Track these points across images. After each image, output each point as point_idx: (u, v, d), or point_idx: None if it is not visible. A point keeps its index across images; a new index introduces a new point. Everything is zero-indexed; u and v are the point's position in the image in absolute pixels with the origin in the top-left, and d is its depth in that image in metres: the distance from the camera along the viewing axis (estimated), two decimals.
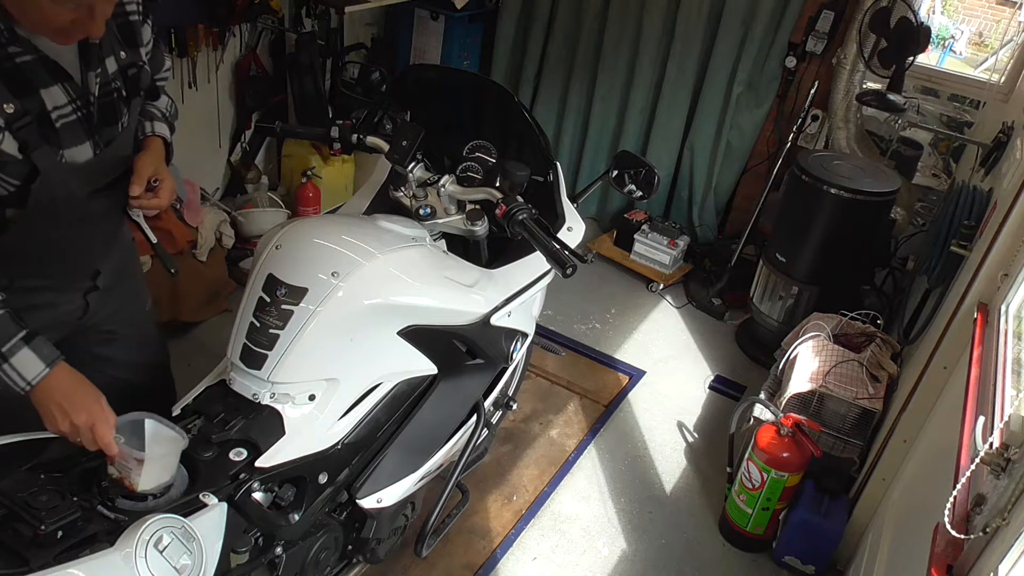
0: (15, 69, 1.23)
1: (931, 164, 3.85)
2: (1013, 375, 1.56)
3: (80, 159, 1.36)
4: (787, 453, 2.31)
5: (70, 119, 1.33)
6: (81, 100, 1.34)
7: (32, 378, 1.27)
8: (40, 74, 1.27)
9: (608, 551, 2.43)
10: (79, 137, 1.35)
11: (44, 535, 1.10)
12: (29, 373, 1.27)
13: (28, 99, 1.25)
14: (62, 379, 1.30)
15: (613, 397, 3.09)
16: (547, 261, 1.52)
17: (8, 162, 1.26)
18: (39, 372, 1.27)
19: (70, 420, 1.28)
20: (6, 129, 1.23)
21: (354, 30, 3.98)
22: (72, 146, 1.34)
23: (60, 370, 1.30)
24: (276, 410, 1.47)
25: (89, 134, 1.37)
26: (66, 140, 1.33)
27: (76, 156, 1.35)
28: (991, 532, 1.19)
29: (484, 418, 1.97)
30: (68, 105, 1.32)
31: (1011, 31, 5.94)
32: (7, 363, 1.25)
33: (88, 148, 1.37)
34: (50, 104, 1.29)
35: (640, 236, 3.86)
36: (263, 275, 1.47)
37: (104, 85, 1.38)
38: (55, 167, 1.32)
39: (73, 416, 1.27)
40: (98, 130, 1.38)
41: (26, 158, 1.27)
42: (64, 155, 1.33)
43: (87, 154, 1.37)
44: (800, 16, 3.58)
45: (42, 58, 1.27)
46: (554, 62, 4.14)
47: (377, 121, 1.96)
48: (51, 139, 1.30)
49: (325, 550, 1.64)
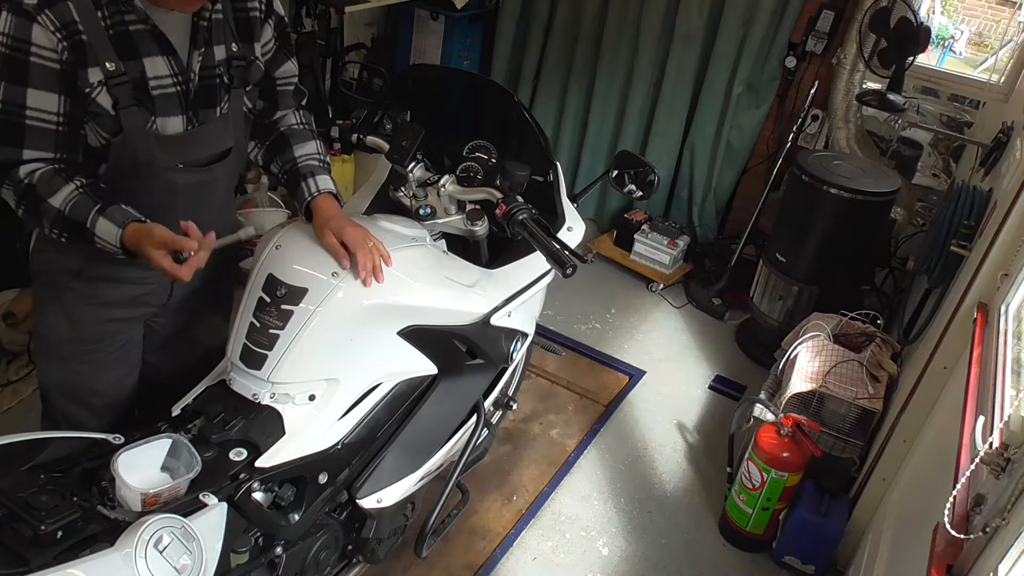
0: (126, 34, 1.34)
1: (931, 164, 3.85)
2: (1013, 375, 1.56)
3: (170, 130, 1.43)
4: (787, 453, 2.31)
5: (168, 91, 1.41)
6: (182, 76, 1.42)
7: (114, 241, 1.36)
8: (147, 43, 1.36)
9: (608, 551, 2.43)
10: (173, 109, 1.42)
11: (44, 535, 1.10)
12: (111, 237, 1.36)
13: (130, 63, 1.35)
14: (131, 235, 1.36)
15: (613, 397, 3.09)
16: (547, 261, 1.53)
17: (101, 114, 1.36)
18: (116, 234, 1.35)
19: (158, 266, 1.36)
20: (104, 83, 1.33)
21: (354, 30, 3.98)
22: (165, 116, 1.41)
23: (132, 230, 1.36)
24: (276, 410, 1.47)
25: (184, 109, 1.44)
26: (161, 109, 1.41)
27: (167, 127, 1.43)
28: (991, 532, 1.19)
29: (484, 418, 1.97)
30: (168, 78, 1.40)
31: (1011, 31, 5.94)
32: (95, 235, 1.36)
33: (180, 122, 1.44)
34: (151, 72, 1.38)
35: (640, 236, 3.86)
36: (263, 275, 1.48)
37: (207, 68, 1.45)
38: (142, 130, 1.39)
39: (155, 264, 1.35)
40: (193, 107, 1.45)
41: (116, 115, 1.36)
42: (156, 123, 1.41)
43: (178, 127, 1.44)
44: (800, 16, 3.58)
45: (153, 30, 1.36)
46: (553, 62, 4.14)
47: (377, 121, 1.96)
48: (145, 104, 1.38)
49: (325, 550, 1.64)
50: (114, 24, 1.33)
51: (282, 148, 1.69)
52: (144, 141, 1.41)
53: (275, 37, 1.61)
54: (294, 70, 1.69)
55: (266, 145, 1.72)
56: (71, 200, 1.36)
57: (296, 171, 1.65)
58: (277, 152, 1.70)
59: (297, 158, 1.67)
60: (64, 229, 1.37)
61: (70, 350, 1.61)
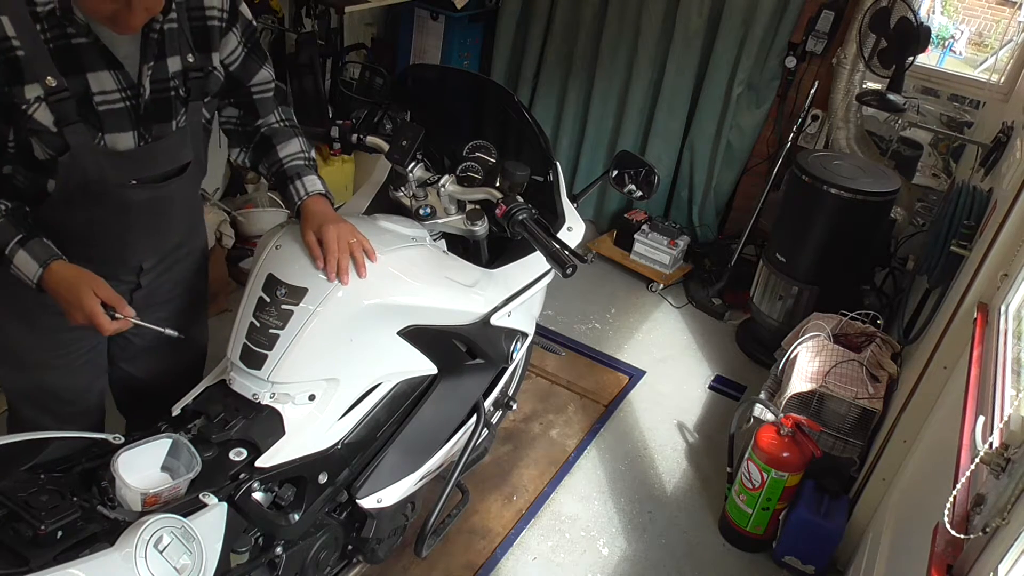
0: (67, 48, 1.28)
1: (931, 164, 3.85)
2: (1013, 375, 1.56)
3: (120, 147, 1.39)
4: (787, 453, 2.31)
5: (115, 106, 1.36)
6: (131, 91, 1.37)
7: (32, 277, 1.34)
8: (91, 58, 1.31)
9: (608, 551, 2.43)
10: (123, 125, 1.38)
11: (44, 535, 1.10)
12: (29, 273, 1.34)
13: (73, 78, 1.30)
14: (56, 277, 1.35)
15: (613, 397, 3.09)
16: (547, 261, 1.53)
17: (42, 131, 1.31)
18: (35, 272, 1.34)
19: (72, 317, 1.37)
20: (44, 100, 1.28)
21: (354, 30, 3.98)
22: (114, 132, 1.37)
23: (55, 268, 1.35)
24: (276, 410, 1.47)
25: (134, 124, 1.39)
26: (108, 125, 1.36)
27: (116, 143, 1.38)
28: (991, 532, 1.19)
29: (484, 418, 1.97)
30: (116, 92, 1.35)
31: (1011, 31, 5.94)
32: (12, 264, 1.34)
33: (131, 138, 1.40)
34: (95, 87, 1.33)
35: (640, 236, 3.86)
36: (263, 275, 1.48)
37: (159, 81, 1.40)
38: (88, 147, 1.35)
39: (72, 314, 1.36)
40: (145, 122, 1.40)
41: (59, 132, 1.31)
42: (104, 139, 1.36)
43: (129, 143, 1.40)
44: (800, 16, 3.57)
45: (96, 44, 1.31)
46: (553, 62, 4.14)
47: (377, 121, 1.96)
48: (90, 120, 1.34)
49: (325, 550, 1.64)
50: (55, 38, 1.27)
51: (266, 149, 1.66)
52: (93, 158, 1.36)
53: (242, 44, 1.54)
54: (270, 76, 1.64)
55: (250, 148, 1.69)
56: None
57: (283, 173, 1.63)
58: (262, 154, 1.67)
59: (282, 159, 1.64)
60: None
61: (34, 359, 1.59)
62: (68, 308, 1.36)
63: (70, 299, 1.35)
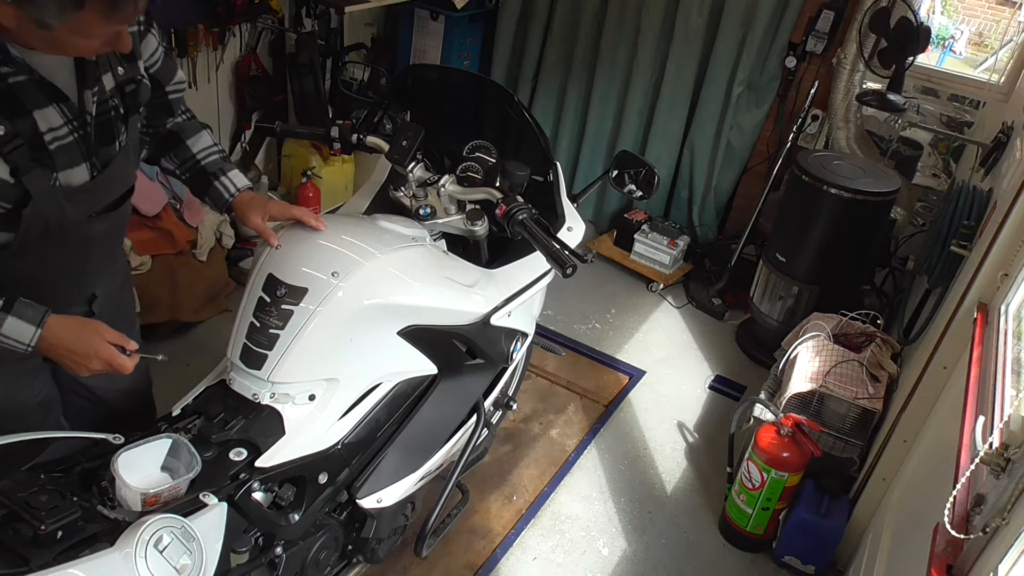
0: (7, 90, 1.18)
1: (931, 164, 3.85)
2: (1013, 375, 1.56)
3: (76, 182, 1.31)
4: (787, 453, 2.31)
5: (66, 141, 1.27)
6: (78, 121, 1.28)
7: (28, 341, 1.27)
8: (34, 95, 1.21)
9: (608, 551, 2.43)
10: (75, 159, 1.29)
11: (44, 535, 1.10)
12: (24, 337, 1.27)
13: (20, 120, 1.20)
14: (58, 333, 1.30)
15: (613, 397, 3.09)
16: (547, 261, 1.52)
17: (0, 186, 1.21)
18: (32, 335, 1.27)
19: (87, 367, 1.32)
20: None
21: (354, 30, 3.98)
22: (67, 168, 1.28)
23: (53, 324, 1.29)
24: (276, 410, 1.47)
25: (86, 156, 1.31)
26: (61, 162, 1.27)
27: (71, 179, 1.30)
28: (991, 532, 1.19)
29: (484, 418, 1.97)
30: (64, 127, 1.26)
31: (1011, 31, 5.94)
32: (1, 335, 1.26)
33: (84, 170, 1.32)
34: (44, 126, 1.23)
35: (640, 236, 3.86)
36: (263, 275, 1.48)
37: (101, 104, 1.32)
38: (48, 191, 1.26)
39: (88, 364, 1.32)
40: (95, 151, 1.33)
41: (17, 182, 1.21)
42: (59, 178, 1.27)
43: (83, 177, 1.32)
44: (800, 16, 3.57)
45: (36, 79, 1.21)
46: (552, 62, 4.14)
47: (377, 121, 1.96)
48: (44, 161, 1.24)
49: (325, 550, 1.64)
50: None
51: (173, 144, 1.60)
52: (52, 201, 1.26)
53: (159, 42, 1.46)
54: (183, 75, 1.58)
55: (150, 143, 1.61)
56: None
57: (201, 169, 1.59)
58: (168, 148, 1.60)
59: (196, 154, 1.60)
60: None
61: None
62: (79, 360, 1.31)
63: (81, 350, 1.30)
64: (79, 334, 1.32)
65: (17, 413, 1.49)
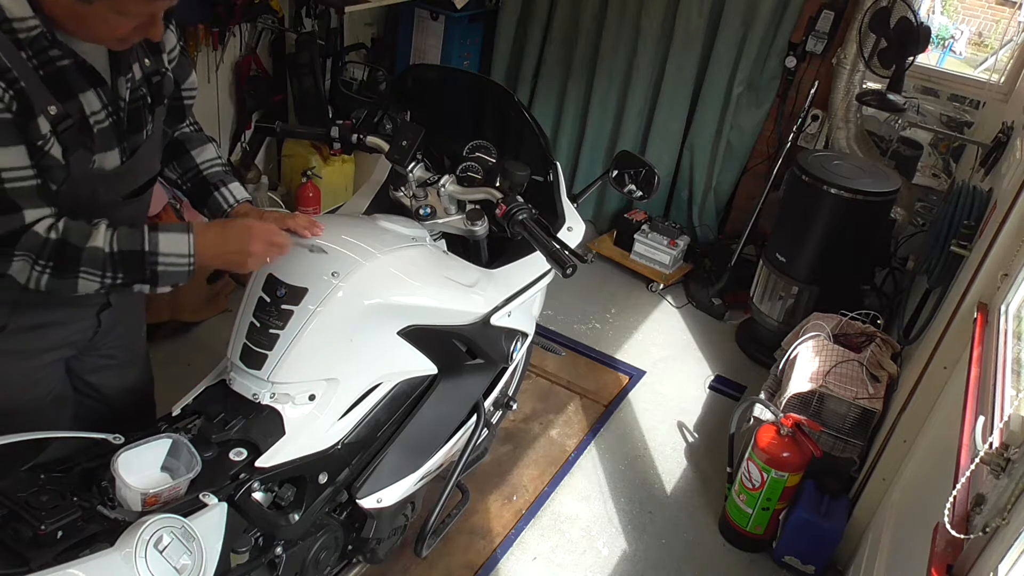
0: (56, 73, 1.21)
1: (931, 164, 3.85)
2: (1013, 375, 1.56)
3: (108, 166, 1.34)
4: (787, 453, 2.31)
5: (104, 125, 1.31)
6: (112, 106, 1.32)
7: (187, 251, 1.31)
8: (78, 79, 1.25)
9: (608, 551, 2.43)
10: (110, 143, 1.33)
11: (44, 535, 1.10)
12: (182, 248, 1.31)
13: (69, 103, 1.23)
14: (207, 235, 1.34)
15: (613, 397, 3.09)
16: (547, 261, 1.52)
17: (53, 167, 1.23)
18: (188, 242, 1.32)
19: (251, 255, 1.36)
20: (54, 131, 1.21)
21: (354, 30, 3.98)
22: (103, 151, 1.32)
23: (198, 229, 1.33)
24: (276, 410, 1.47)
25: (119, 141, 1.35)
26: (99, 145, 1.30)
27: (105, 163, 1.33)
28: (991, 532, 1.19)
29: (484, 418, 1.97)
30: (102, 111, 1.30)
31: (1011, 31, 5.93)
32: (159, 255, 1.29)
33: (116, 155, 1.35)
34: (88, 109, 1.27)
35: (640, 236, 3.86)
36: (263, 275, 1.48)
37: (133, 91, 1.36)
38: (86, 173, 1.30)
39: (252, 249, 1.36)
40: (126, 137, 1.36)
41: (67, 163, 1.25)
42: (96, 160, 1.31)
43: (115, 161, 1.35)
44: (800, 16, 3.58)
45: (79, 63, 1.24)
46: (552, 62, 4.14)
47: (377, 121, 1.96)
48: (87, 144, 1.28)
49: (325, 550, 1.64)
50: (42, 64, 1.19)
51: (178, 154, 1.62)
52: (86, 183, 1.30)
53: (178, 40, 1.48)
54: (196, 79, 1.60)
55: None
56: (111, 235, 1.26)
57: (203, 179, 1.61)
58: (172, 157, 1.62)
59: (199, 165, 1.61)
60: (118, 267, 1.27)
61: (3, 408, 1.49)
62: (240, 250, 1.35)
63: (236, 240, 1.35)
64: (223, 226, 1.37)
65: (33, 409, 1.50)
